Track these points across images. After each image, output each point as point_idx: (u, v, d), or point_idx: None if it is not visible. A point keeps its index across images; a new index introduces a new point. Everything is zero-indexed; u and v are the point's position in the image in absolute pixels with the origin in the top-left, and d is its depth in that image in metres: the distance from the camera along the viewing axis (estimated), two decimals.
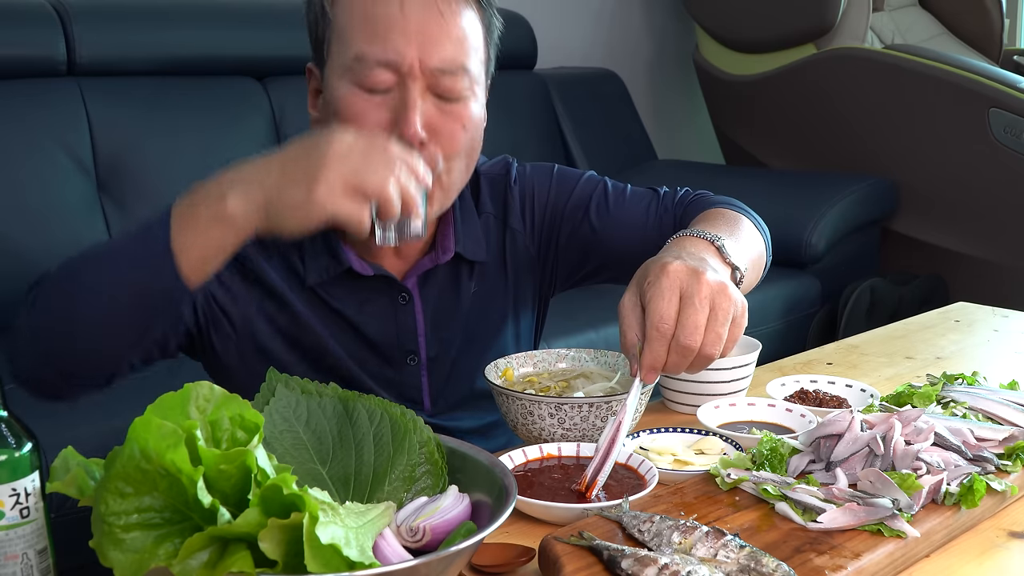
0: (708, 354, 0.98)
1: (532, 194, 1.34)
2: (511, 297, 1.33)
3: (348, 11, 1.13)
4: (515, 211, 1.33)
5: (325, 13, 1.15)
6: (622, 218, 1.32)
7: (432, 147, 1.13)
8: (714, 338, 0.97)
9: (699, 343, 0.97)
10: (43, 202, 2.23)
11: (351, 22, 1.12)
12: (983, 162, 3.12)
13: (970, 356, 1.61)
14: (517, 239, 1.33)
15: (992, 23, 3.73)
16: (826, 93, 3.44)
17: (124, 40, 2.46)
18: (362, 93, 1.11)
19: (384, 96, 1.12)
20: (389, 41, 1.10)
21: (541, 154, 3.20)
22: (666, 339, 0.97)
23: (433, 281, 1.26)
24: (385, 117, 1.11)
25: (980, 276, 3.20)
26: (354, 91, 1.12)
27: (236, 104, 2.59)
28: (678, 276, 0.98)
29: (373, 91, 1.11)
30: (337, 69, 1.13)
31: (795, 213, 3.03)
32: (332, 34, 1.14)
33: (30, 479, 0.76)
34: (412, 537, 0.81)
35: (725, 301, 0.98)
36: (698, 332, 0.96)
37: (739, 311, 1.00)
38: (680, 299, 0.97)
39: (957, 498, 0.97)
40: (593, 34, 3.79)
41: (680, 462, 1.12)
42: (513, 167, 1.35)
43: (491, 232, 1.31)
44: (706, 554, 0.85)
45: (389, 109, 1.11)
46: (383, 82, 1.11)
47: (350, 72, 1.11)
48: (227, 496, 0.70)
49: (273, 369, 0.92)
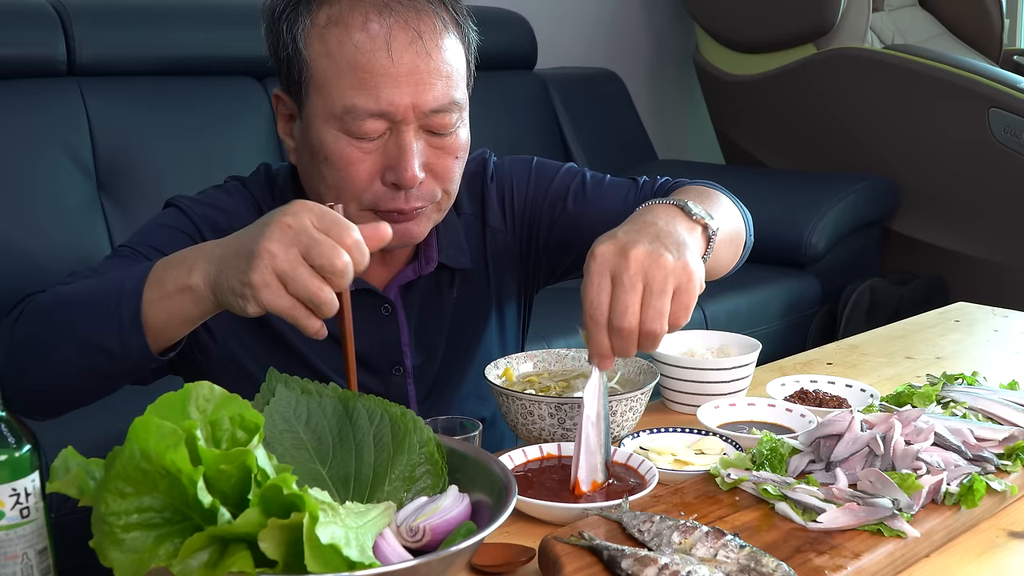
0: (650, 330, 0.93)
1: (511, 188, 1.33)
2: (494, 299, 1.33)
3: (328, 57, 1.08)
4: (493, 208, 1.32)
5: (299, 53, 1.10)
6: (600, 208, 1.30)
7: (429, 183, 1.13)
8: (653, 314, 0.93)
9: (634, 323, 0.93)
10: (43, 202, 2.23)
11: (334, 69, 1.08)
12: (983, 162, 3.12)
13: (970, 356, 1.61)
14: (497, 238, 1.32)
15: (992, 23, 3.73)
16: (826, 93, 3.44)
17: (124, 40, 2.46)
18: (353, 141, 1.09)
19: (375, 142, 1.10)
20: (381, 91, 1.07)
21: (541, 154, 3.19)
22: (601, 326, 0.94)
23: (415, 291, 1.25)
24: (378, 163, 1.10)
25: (980, 276, 3.20)
26: (344, 139, 1.09)
27: (236, 104, 2.59)
28: (604, 258, 0.95)
29: (364, 138, 1.09)
30: (322, 115, 1.10)
31: (795, 213, 3.03)
32: (310, 77, 1.10)
33: (30, 479, 0.76)
34: (412, 537, 0.81)
35: (659, 271, 0.93)
36: (629, 312, 0.93)
37: (684, 278, 0.94)
38: (611, 281, 0.94)
39: (957, 498, 0.97)
40: (593, 34, 3.79)
41: (680, 462, 1.12)
42: (490, 162, 1.34)
43: (471, 234, 1.30)
44: (706, 554, 0.85)
45: (381, 155, 1.10)
46: (375, 131, 1.09)
47: (340, 122, 1.09)
48: (227, 496, 0.70)
49: (273, 369, 0.92)
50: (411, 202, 1.12)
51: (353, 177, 1.10)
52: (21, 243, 2.18)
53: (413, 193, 1.11)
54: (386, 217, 1.12)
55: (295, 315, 0.85)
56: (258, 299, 0.85)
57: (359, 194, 1.11)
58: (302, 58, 1.10)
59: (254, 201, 1.22)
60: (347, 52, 1.08)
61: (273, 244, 0.84)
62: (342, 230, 0.84)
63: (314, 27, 1.10)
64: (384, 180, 1.11)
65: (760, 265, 2.94)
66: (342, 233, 0.84)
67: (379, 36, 1.07)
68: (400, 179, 1.09)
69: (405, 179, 1.09)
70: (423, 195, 1.13)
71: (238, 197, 1.22)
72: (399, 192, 1.11)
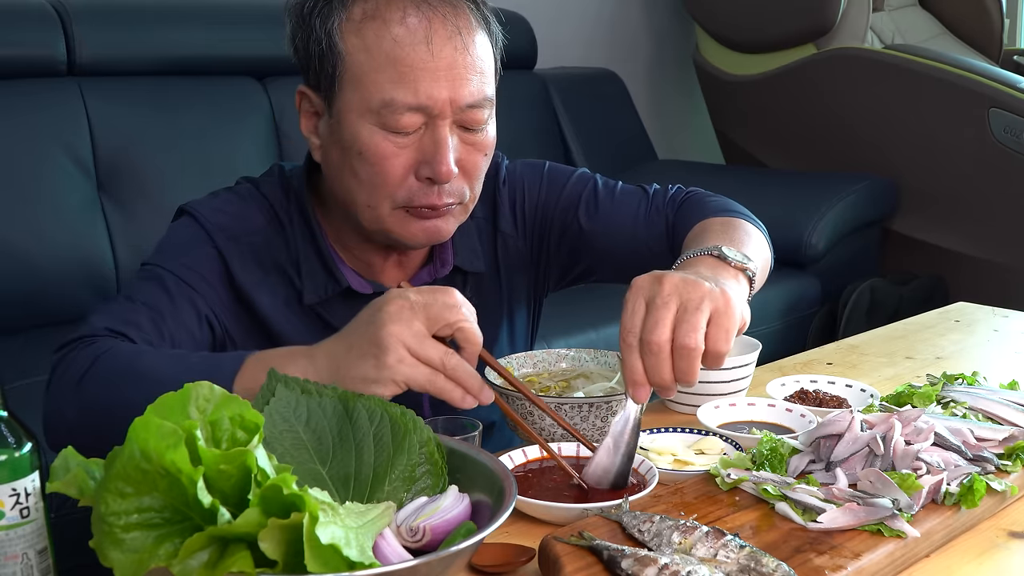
0: (684, 344, 0.91)
1: (522, 193, 1.33)
2: (505, 303, 1.33)
3: (366, 51, 1.09)
4: (505, 213, 1.32)
5: (334, 46, 1.10)
6: (611, 218, 1.31)
7: (459, 180, 1.14)
8: (687, 328, 0.92)
9: (665, 337, 0.92)
10: (43, 202, 2.23)
11: (372, 63, 1.09)
12: (983, 162, 3.11)
13: (970, 356, 1.61)
14: (508, 242, 1.32)
15: (992, 23, 3.73)
16: (826, 93, 3.44)
17: (124, 40, 2.46)
18: (389, 135, 1.10)
19: (411, 136, 1.11)
20: (420, 85, 1.08)
21: (541, 154, 3.18)
22: (633, 348, 0.94)
23: None
24: (413, 158, 1.12)
25: (980, 276, 3.20)
26: (380, 134, 1.10)
27: (236, 104, 2.59)
28: (640, 285, 0.96)
29: (400, 133, 1.10)
30: (357, 109, 1.10)
31: (795, 213, 3.03)
32: (344, 72, 1.10)
33: (30, 479, 0.76)
34: (412, 537, 0.81)
35: (695, 292, 0.93)
36: (660, 326, 0.92)
37: (722, 302, 0.94)
38: (645, 305, 0.94)
39: (957, 498, 0.97)
40: (593, 34, 3.79)
41: (680, 462, 1.12)
42: (503, 165, 1.34)
43: (483, 237, 1.31)
44: (706, 554, 0.85)
45: (416, 150, 1.11)
46: (412, 125, 1.10)
47: (377, 116, 1.09)
48: (227, 496, 0.70)
49: (273, 369, 0.92)
50: (443, 198, 1.13)
51: (388, 172, 1.11)
52: (21, 243, 2.18)
53: (446, 188, 1.13)
54: (417, 214, 1.14)
55: (437, 386, 0.93)
56: (396, 378, 0.92)
57: (393, 190, 1.12)
58: (336, 52, 1.10)
59: (267, 203, 1.22)
60: (386, 46, 1.08)
61: (396, 326, 0.92)
62: (449, 291, 0.94)
63: (349, 22, 1.10)
64: (418, 175, 1.12)
65: None
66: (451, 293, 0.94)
67: (419, 30, 1.08)
68: (436, 173, 1.10)
69: (441, 173, 1.10)
70: (454, 191, 1.14)
71: (249, 200, 1.22)
72: (432, 188, 1.12)
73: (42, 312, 2.22)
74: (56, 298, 2.23)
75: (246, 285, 1.18)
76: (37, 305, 2.21)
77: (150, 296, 1.12)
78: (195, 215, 1.20)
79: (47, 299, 2.22)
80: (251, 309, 1.19)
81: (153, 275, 1.15)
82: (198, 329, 1.14)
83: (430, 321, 0.93)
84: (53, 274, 2.22)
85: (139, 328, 1.09)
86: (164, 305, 1.12)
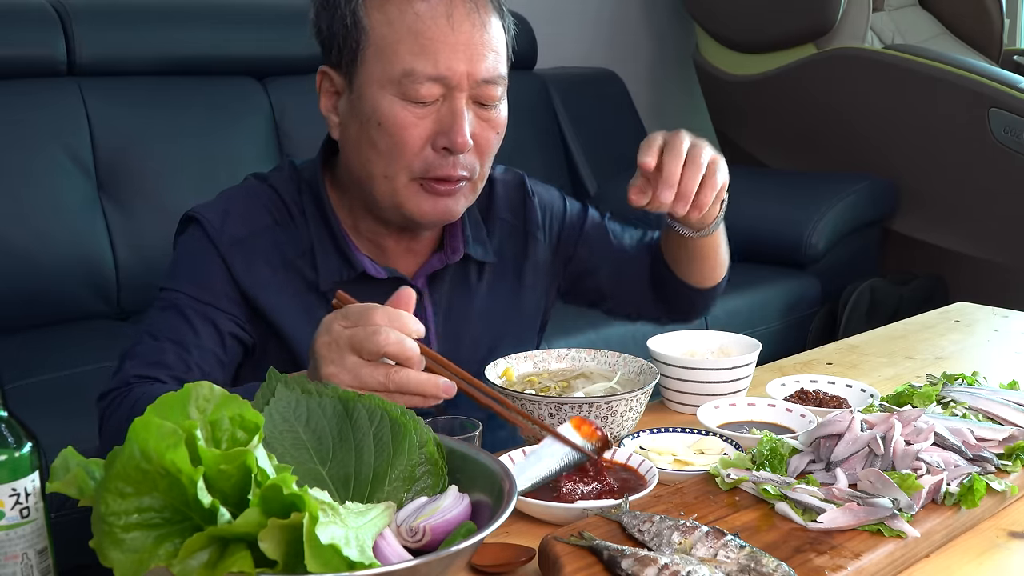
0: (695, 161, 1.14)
1: (550, 213, 1.41)
2: (521, 300, 1.36)
3: (389, 25, 1.14)
4: (536, 221, 1.38)
5: (358, 22, 1.16)
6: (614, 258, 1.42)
7: (471, 155, 1.18)
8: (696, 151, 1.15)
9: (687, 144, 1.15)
10: (43, 202, 2.24)
11: (395, 36, 1.14)
12: (983, 162, 3.11)
13: (970, 356, 1.61)
14: (538, 249, 1.38)
15: (992, 23, 3.73)
16: (826, 93, 3.44)
17: (124, 40, 2.46)
18: (408, 105, 1.15)
19: (428, 108, 1.15)
20: (440, 56, 1.13)
21: (541, 154, 3.20)
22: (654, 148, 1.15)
23: (442, 280, 1.29)
24: (430, 128, 1.16)
25: (980, 276, 3.20)
26: (400, 103, 1.15)
27: (236, 104, 2.59)
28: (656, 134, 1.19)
29: (418, 103, 1.15)
30: (378, 80, 1.15)
31: (795, 213, 3.03)
32: (368, 45, 1.15)
33: (30, 479, 0.76)
34: (412, 537, 0.81)
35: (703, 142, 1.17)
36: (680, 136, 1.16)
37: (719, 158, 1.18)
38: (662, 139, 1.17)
39: (957, 498, 0.97)
40: (593, 34, 3.79)
41: (680, 462, 1.12)
42: (527, 181, 1.41)
43: (506, 237, 1.36)
44: (706, 554, 0.85)
45: (434, 121, 1.16)
46: (431, 95, 1.14)
47: (397, 86, 1.14)
48: (227, 496, 0.70)
49: (273, 369, 0.92)
50: (457, 169, 1.17)
51: (407, 141, 1.15)
52: (21, 243, 2.18)
53: (460, 160, 1.17)
54: (431, 189, 1.18)
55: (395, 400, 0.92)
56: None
57: (410, 160, 1.16)
58: (360, 27, 1.15)
59: (276, 196, 1.25)
60: (408, 19, 1.14)
61: (329, 367, 0.93)
62: (369, 314, 0.93)
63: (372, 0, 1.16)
64: (435, 146, 1.16)
65: (760, 265, 2.94)
66: (371, 317, 0.93)
67: (439, 6, 1.14)
68: (452, 143, 1.15)
69: (457, 143, 1.14)
70: (467, 164, 1.18)
71: (256, 196, 1.25)
72: (448, 159, 1.16)
73: (42, 312, 2.22)
74: (56, 298, 2.24)
75: (252, 288, 1.20)
76: (37, 305, 2.22)
77: (172, 330, 1.17)
78: (201, 222, 1.22)
79: (47, 299, 2.23)
80: (259, 311, 1.21)
81: (171, 303, 1.19)
82: (223, 352, 1.18)
83: (358, 351, 0.93)
84: (53, 274, 2.22)
85: (167, 367, 1.14)
86: (187, 337, 1.16)
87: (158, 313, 1.19)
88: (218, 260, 1.20)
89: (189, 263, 1.22)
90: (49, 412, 1.70)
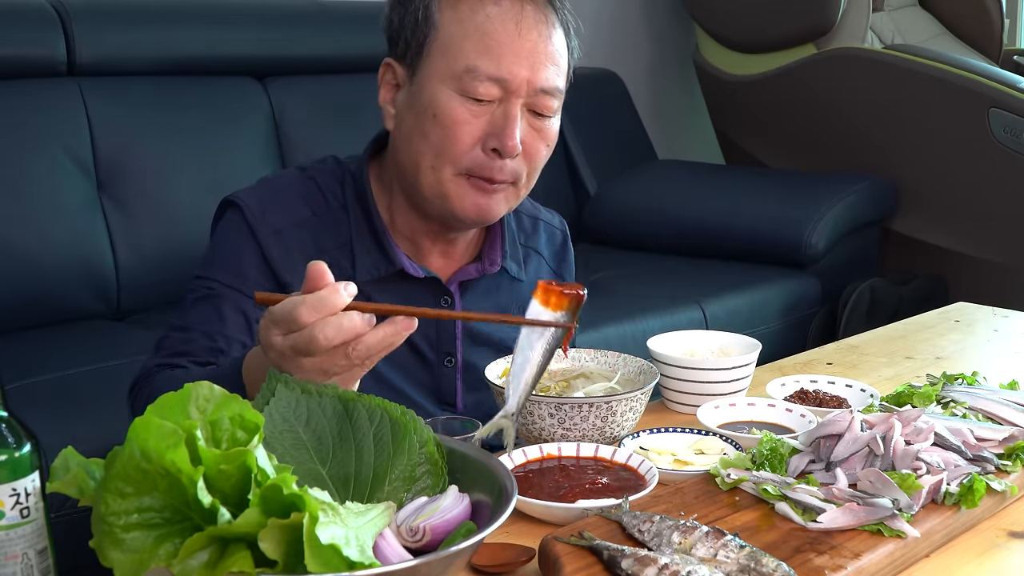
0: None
1: (570, 274, 1.45)
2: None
3: (459, 23, 1.17)
4: (570, 269, 1.43)
5: (430, 17, 1.19)
6: None
7: (519, 161, 1.20)
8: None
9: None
10: (43, 202, 2.23)
11: (463, 32, 1.17)
12: (983, 162, 3.11)
13: (970, 356, 1.61)
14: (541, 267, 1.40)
15: (992, 23, 3.73)
16: (826, 93, 3.44)
17: (124, 40, 2.46)
18: (465, 102, 1.17)
19: (484, 107, 1.18)
20: (504, 59, 1.16)
21: None
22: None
23: (475, 289, 1.31)
24: (482, 128, 1.18)
25: (980, 276, 3.20)
26: (458, 99, 1.17)
27: (236, 104, 2.59)
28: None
29: (476, 101, 1.17)
30: (440, 74, 1.18)
31: (795, 213, 3.02)
32: (435, 40, 1.18)
33: (30, 479, 0.76)
34: (412, 537, 0.81)
35: None
36: None
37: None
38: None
39: (957, 498, 0.97)
40: (593, 34, 3.78)
41: (680, 462, 1.12)
42: (569, 235, 1.45)
43: (536, 270, 1.38)
44: (706, 554, 0.85)
45: (487, 121, 1.18)
46: (489, 95, 1.17)
47: (458, 81, 1.16)
48: (227, 496, 0.70)
49: (272, 369, 0.92)
50: (504, 173, 1.19)
51: (458, 137, 1.17)
52: (21, 243, 2.18)
53: (507, 165, 1.19)
54: (475, 185, 1.19)
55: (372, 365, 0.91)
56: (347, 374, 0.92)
57: (459, 156, 1.18)
58: (431, 22, 1.19)
59: (315, 186, 1.27)
60: (479, 19, 1.17)
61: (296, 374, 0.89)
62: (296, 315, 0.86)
63: None
64: (485, 146, 1.18)
65: (760, 265, 2.94)
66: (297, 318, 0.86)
67: (510, 11, 1.17)
68: (502, 145, 1.17)
69: (507, 146, 1.17)
70: (513, 170, 1.20)
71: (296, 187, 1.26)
72: (495, 161, 1.18)
73: (42, 312, 2.22)
74: (56, 298, 2.23)
75: (286, 275, 1.21)
76: (37, 305, 2.21)
77: (200, 319, 1.19)
78: (241, 207, 1.23)
79: (47, 299, 2.22)
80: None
81: (203, 292, 1.21)
82: (250, 339, 1.19)
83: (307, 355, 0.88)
84: (53, 274, 2.22)
85: (191, 356, 1.16)
86: (214, 326, 1.18)
87: (190, 303, 1.22)
88: (255, 246, 1.21)
89: (225, 248, 1.23)
90: (49, 412, 1.70)
